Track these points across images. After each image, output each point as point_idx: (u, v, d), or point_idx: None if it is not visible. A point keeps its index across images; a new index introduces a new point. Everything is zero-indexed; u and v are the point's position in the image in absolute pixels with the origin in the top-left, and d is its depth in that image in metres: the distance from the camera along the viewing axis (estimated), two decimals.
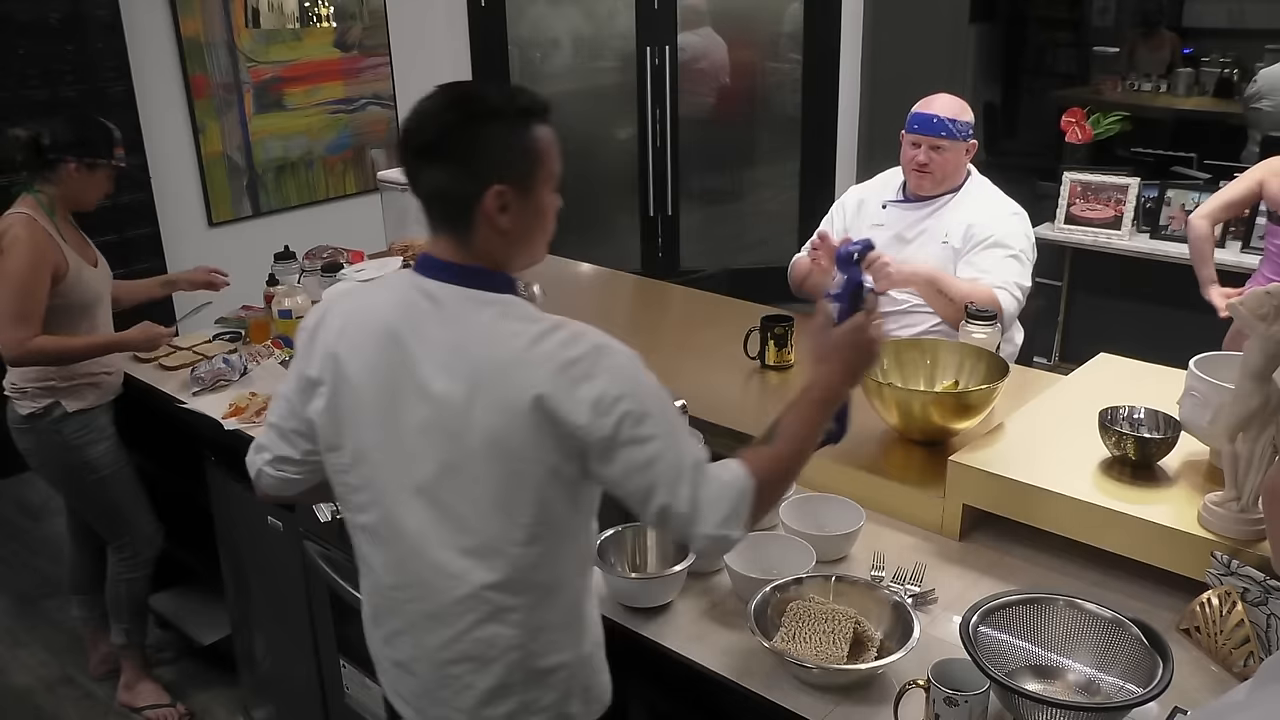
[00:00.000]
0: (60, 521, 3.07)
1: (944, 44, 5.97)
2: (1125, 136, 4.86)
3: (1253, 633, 1.45)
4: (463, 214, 1.33)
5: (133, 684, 2.83)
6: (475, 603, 1.37)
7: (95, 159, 2.48)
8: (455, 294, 1.35)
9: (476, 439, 1.30)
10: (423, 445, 1.34)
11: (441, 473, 1.34)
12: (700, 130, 5.75)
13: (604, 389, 1.29)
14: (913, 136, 2.65)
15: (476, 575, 1.35)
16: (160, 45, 4.17)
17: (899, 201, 2.76)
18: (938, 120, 2.61)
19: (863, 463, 1.99)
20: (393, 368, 1.35)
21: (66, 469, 2.63)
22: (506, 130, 1.32)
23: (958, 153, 2.65)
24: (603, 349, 1.33)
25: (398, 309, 1.37)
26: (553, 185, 1.39)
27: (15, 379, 2.56)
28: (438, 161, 1.32)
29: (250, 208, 4.57)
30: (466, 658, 1.40)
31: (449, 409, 1.31)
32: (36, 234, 2.41)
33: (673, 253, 5.75)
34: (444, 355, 1.32)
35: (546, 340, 1.31)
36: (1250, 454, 1.52)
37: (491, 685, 1.40)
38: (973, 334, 2.25)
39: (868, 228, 2.76)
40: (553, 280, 2.90)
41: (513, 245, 1.37)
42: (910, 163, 2.67)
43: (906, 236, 2.70)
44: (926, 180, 2.67)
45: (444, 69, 5.13)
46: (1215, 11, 7.18)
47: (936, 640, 1.54)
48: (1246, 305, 1.46)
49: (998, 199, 2.70)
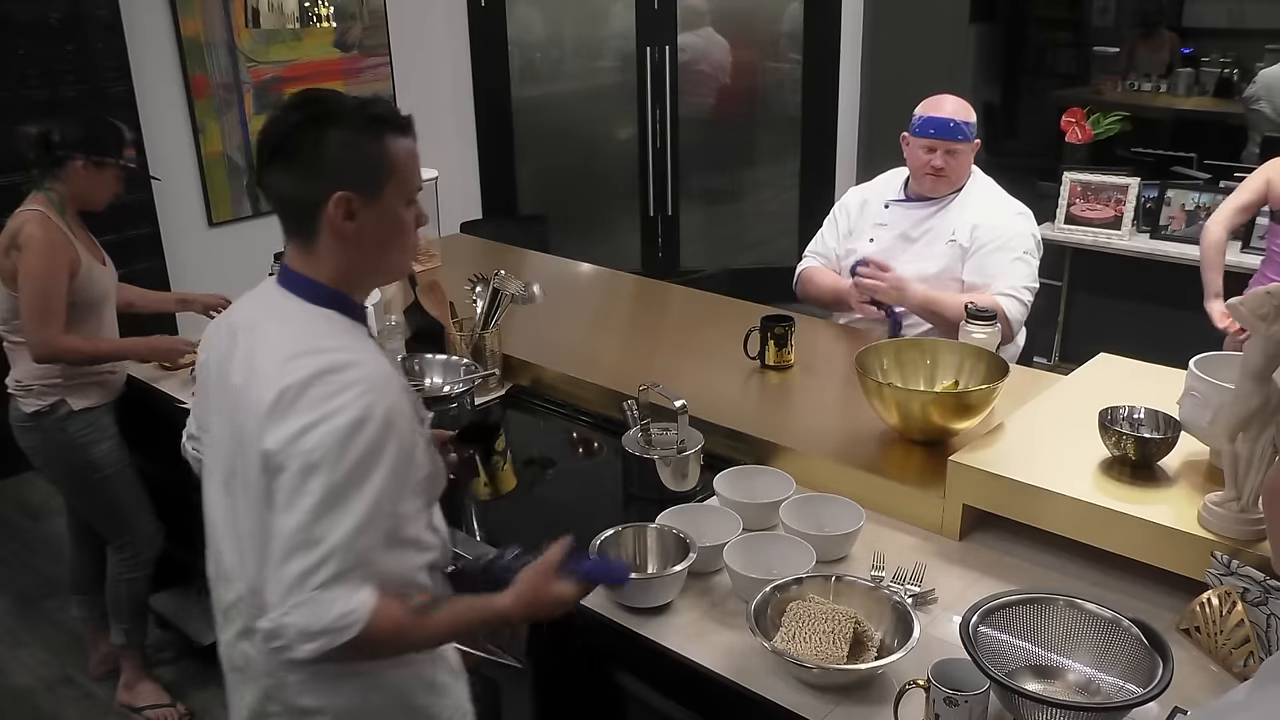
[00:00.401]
0: (60, 521, 3.06)
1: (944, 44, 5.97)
2: (1125, 136, 4.85)
3: (1253, 633, 1.45)
4: (307, 220, 1.31)
5: (133, 684, 2.83)
6: (235, 612, 1.37)
7: (104, 158, 2.49)
8: (282, 301, 1.35)
9: (249, 445, 1.29)
10: (224, 437, 1.36)
11: (230, 467, 1.34)
12: (700, 130, 5.75)
13: (302, 427, 1.22)
14: (927, 141, 2.62)
15: (239, 584, 1.35)
16: (160, 45, 4.17)
17: (902, 201, 2.75)
18: (954, 124, 2.59)
19: (863, 463, 1.99)
20: (223, 360, 1.37)
21: (70, 467, 2.63)
22: (352, 136, 1.29)
23: (969, 154, 2.65)
24: (333, 400, 1.23)
25: (249, 305, 1.41)
26: (407, 198, 1.35)
27: (20, 377, 2.56)
28: (283, 165, 1.31)
29: (250, 208, 4.57)
30: (233, 668, 1.41)
31: (240, 411, 1.30)
32: (51, 231, 2.42)
33: (673, 253, 5.76)
34: (244, 356, 1.33)
35: (299, 370, 1.25)
36: (1250, 454, 1.52)
37: (251, 704, 1.39)
38: (972, 334, 2.25)
39: (871, 227, 2.76)
40: (553, 280, 2.90)
41: (360, 255, 1.33)
42: (924, 167, 2.64)
43: (912, 235, 2.70)
44: (942, 183, 2.66)
45: (444, 69, 5.13)
46: (1215, 11, 7.18)
47: (936, 640, 1.54)
48: (1246, 305, 1.46)
49: (1002, 199, 2.70)
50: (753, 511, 1.85)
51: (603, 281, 3.34)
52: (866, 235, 2.77)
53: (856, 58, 5.64)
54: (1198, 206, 4.07)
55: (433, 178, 3.36)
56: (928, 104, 2.66)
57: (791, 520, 1.80)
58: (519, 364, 2.57)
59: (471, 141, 5.34)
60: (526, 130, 5.52)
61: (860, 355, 2.08)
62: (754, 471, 1.99)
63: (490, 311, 2.49)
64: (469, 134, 5.32)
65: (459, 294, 2.59)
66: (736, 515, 1.82)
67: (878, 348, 2.15)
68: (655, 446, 2.04)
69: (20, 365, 2.55)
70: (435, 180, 3.37)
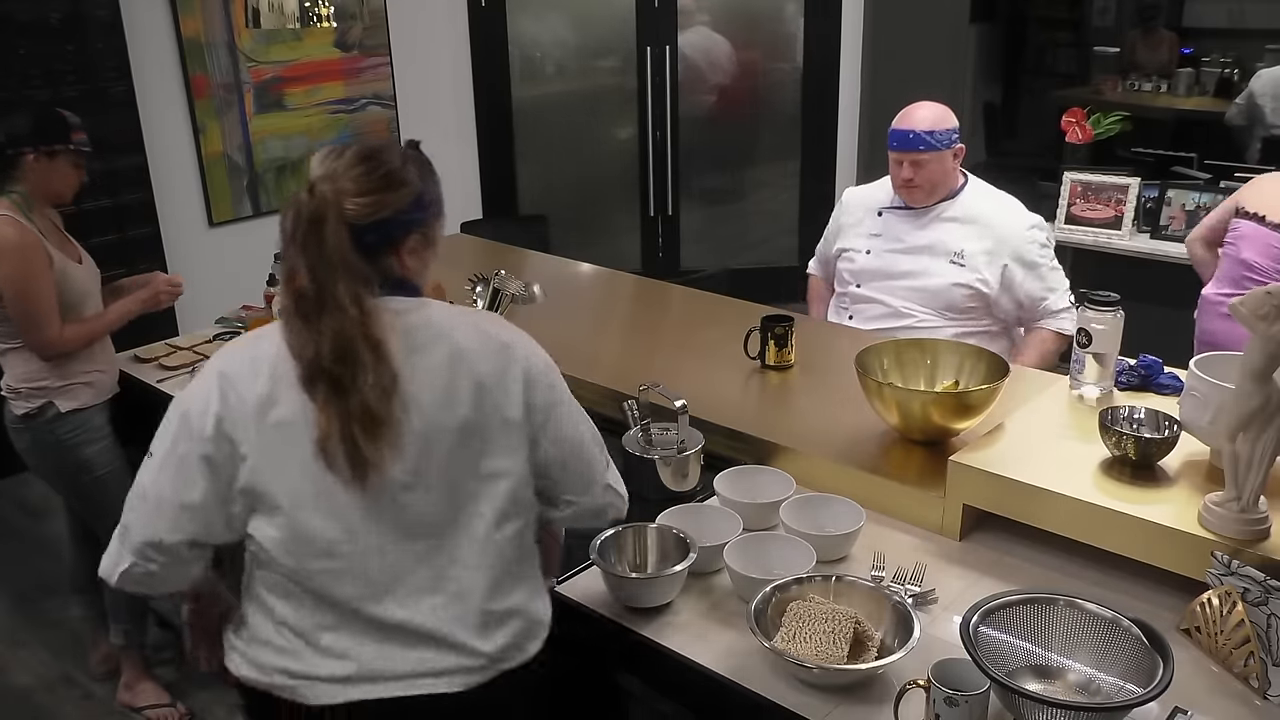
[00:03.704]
0: (60, 521, 3.06)
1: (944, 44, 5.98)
2: (1125, 136, 4.85)
3: (1253, 633, 1.45)
4: None
5: (133, 684, 2.83)
6: None
7: (52, 146, 2.48)
8: None
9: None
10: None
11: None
12: (700, 130, 5.75)
13: None
14: (894, 155, 2.64)
15: None
16: (160, 45, 4.17)
17: (896, 209, 2.75)
18: (914, 135, 2.59)
19: (863, 463, 1.99)
20: None
21: (62, 469, 2.63)
22: None
23: (942, 162, 2.63)
24: None
25: None
26: None
27: (10, 380, 2.56)
28: None
29: (250, 208, 4.57)
30: None
31: None
32: (22, 233, 2.42)
33: (673, 253, 5.76)
34: None
35: None
36: (1250, 454, 1.52)
37: None
38: (1093, 323, 2.01)
39: (866, 238, 2.76)
40: (553, 280, 2.90)
41: None
42: (896, 180, 2.68)
43: (908, 247, 2.70)
44: (916, 194, 2.67)
45: (444, 69, 5.13)
46: (1215, 11, 7.19)
47: (937, 640, 1.54)
48: (1246, 305, 1.46)
49: (1007, 212, 2.69)
50: (753, 511, 1.85)
51: (603, 281, 3.34)
52: (862, 245, 2.77)
53: (857, 58, 5.64)
54: (1198, 206, 4.06)
55: None
56: (899, 116, 2.66)
57: (791, 520, 1.80)
58: None
59: (471, 141, 5.35)
60: (527, 130, 5.52)
61: (860, 355, 2.08)
62: (754, 471, 1.99)
63: (491, 311, 2.49)
64: (469, 134, 5.33)
65: (459, 294, 2.58)
66: (736, 515, 1.82)
67: (878, 348, 2.15)
68: (655, 446, 2.04)
69: (10, 368, 2.55)
70: None
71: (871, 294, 2.73)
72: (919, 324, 2.64)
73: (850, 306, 2.79)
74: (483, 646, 1.42)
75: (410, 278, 1.44)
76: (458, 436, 1.39)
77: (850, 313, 2.79)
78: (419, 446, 1.37)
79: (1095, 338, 1.99)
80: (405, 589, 1.39)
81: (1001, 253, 2.62)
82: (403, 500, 1.37)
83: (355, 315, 1.31)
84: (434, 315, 1.43)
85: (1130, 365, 2.08)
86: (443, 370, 1.39)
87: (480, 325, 1.48)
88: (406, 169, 1.41)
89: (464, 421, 1.39)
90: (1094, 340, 2.00)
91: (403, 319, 1.38)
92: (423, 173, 1.44)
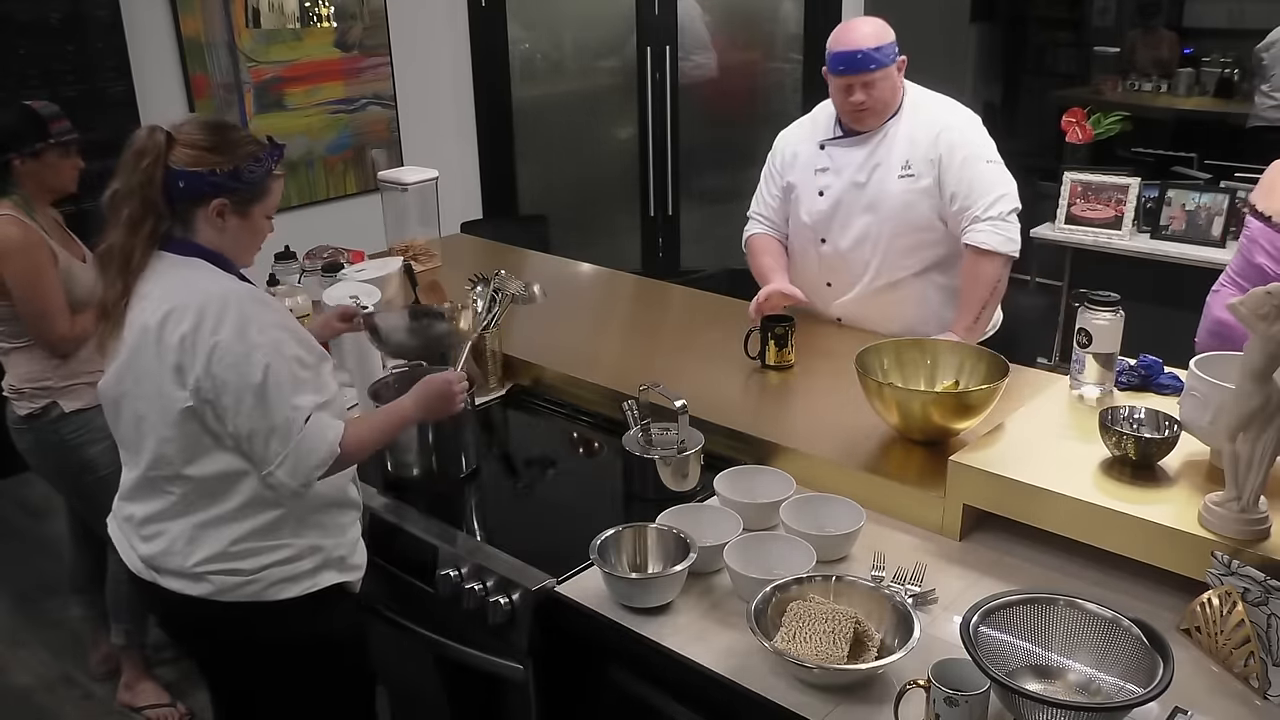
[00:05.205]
0: (60, 521, 3.06)
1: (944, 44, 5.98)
2: (1125, 136, 4.86)
3: (1253, 633, 1.45)
4: None
5: (133, 684, 2.83)
6: None
7: (33, 146, 2.48)
8: None
9: None
10: None
11: None
12: (700, 130, 5.74)
13: None
14: (841, 79, 2.43)
15: None
16: (160, 45, 4.17)
17: (837, 139, 2.57)
18: (862, 54, 2.38)
19: (863, 463, 1.99)
20: None
21: (65, 469, 2.63)
22: None
23: (891, 78, 2.45)
24: None
25: None
26: None
27: (13, 380, 2.56)
28: None
29: None
30: None
31: None
32: (26, 232, 2.42)
33: (673, 253, 5.75)
34: None
35: None
36: (1250, 454, 1.52)
37: None
38: (1093, 320, 2.01)
39: (814, 176, 2.59)
40: (553, 280, 2.90)
41: None
42: (845, 105, 2.47)
43: (859, 179, 2.52)
44: (870, 117, 2.48)
45: (444, 69, 5.13)
46: (1215, 11, 7.19)
47: (937, 640, 1.54)
48: (1246, 305, 1.46)
49: (943, 108, 2.53)
50: (753, 511, 1.85)
51: (603, 281, 3.34)
52: (814, 187, 2.60)
53: None
54: (1198, 206, 4.07)
55: (433, 178, 3.36)
56: (836, 34, 2.46)
57: (792, 520, 1.80)
58: (519, 364, 2.58)
59: (471, 141, 5.34)
60: (527, 130, 5.52)
61: (860, 355, 2.08)
62: (754, 471, 1.99)
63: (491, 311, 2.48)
64: (469, 134, 5.32)
65: (459, 294, 2.58)
66: (736, 515, 1.82)
67: (878, 348, 2.15)
68: (655, 446, 2.04)
69: (13, 369, 2.55)
70: (435, 180, 3.37)
71: (842, 246, 2.57)
72: (900, 271, 2.53)
73: (821, 261, 2.63)
74: None
75: (200, 241, 1.66)
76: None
77: (828, 279, 2.65)
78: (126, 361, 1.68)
79: (1095, 338, 1.99)
80: None
81: (937, 146, 2.45)
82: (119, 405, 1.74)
83: (124, 240, 1.61)
84: (186, 277, 1.64)
85: (1130, 365, 2.08)
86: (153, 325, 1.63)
87: (204, 305, 1.63)
88: (244, 148, 1.64)
89: None
90: (1094, 340, 2.00)
91: (162, 264, 1.63)
92: (259, 158, 1.66)
